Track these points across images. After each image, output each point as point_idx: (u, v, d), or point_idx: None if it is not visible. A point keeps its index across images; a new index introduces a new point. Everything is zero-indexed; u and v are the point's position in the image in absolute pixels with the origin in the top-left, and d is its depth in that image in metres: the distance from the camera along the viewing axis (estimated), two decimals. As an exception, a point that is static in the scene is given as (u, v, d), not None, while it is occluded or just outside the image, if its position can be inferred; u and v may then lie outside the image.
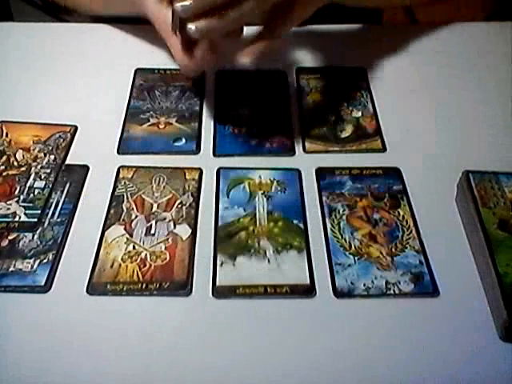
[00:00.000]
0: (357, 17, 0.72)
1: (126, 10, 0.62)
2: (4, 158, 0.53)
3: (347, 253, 0.46)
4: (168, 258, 0.46)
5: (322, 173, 0.53)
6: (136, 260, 0.46)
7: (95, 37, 0.68)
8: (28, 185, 0.51)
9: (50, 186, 0.51)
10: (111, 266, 0.45)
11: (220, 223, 0.49)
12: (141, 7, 0.53)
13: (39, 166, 0.53)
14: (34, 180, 0.51)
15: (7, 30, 0.69)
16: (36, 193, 0.50)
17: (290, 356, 0.41)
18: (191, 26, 0.45)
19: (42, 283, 0.44)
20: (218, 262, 0.46)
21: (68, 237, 0.47)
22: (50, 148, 0.54)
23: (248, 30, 0.51)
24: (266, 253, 0.46)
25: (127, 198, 0.50)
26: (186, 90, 0.62)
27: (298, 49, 0.68)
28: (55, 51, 0.66)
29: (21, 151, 0.54)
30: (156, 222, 0.48)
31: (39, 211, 0.49)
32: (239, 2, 0.45)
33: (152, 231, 0.48)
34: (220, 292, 0.44)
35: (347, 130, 0.58)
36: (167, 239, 0.47)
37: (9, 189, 0.50)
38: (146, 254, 0.46)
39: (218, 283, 0.44)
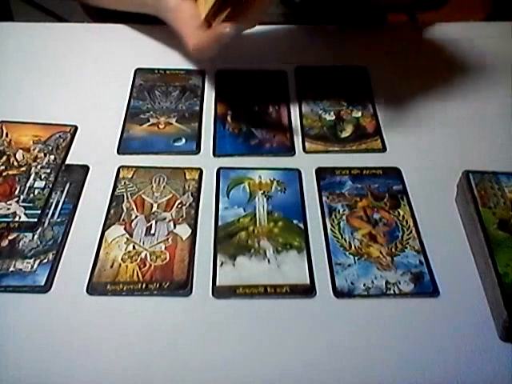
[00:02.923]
0: (361, 18, 0.72)
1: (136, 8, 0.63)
2: (4, 158, 0.53)
3: (347, 253, 0.46)
4: (168, 258, 0.46)
5: (322, 173, 0.53)
6: (136, 260, 0.46)
7: (95, 37, 0.69)
8: (28, 185, 0.51)
9: (50, 185, 0.51)
10: (111, 266, 0.45)
11: (220, 223, 0.49)
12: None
13: (39, 166, 0.52)
14: (34, 180, 0.51)
15: (7, 30, 0.69)
16: (36, 193, 0.50)
17: (290, 356, 0.41)
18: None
19: (42, 283, 0.44)
20: (218, 262, 0.46)
21: (68, 237, 0.47)
22: (50, 148, 0.54)
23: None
24: (265, 253, 0.46)
25: (127, 197, 0.50)
26: (186, 90, 0.62)
27: (298, 49, 0.68)
28: (55, 51, 0.66)
29: (21, 151, 0.54)
30: (156, 222, 0.48)
31: (39, 211, 0.49)
32: None
33: (152, 231, 0.48)
34: (220, 292, 0.44)
35: (347, 130, 0.58)
36: (167, 239, 0.47)
37: (9, 189, 0.50)
38: (146, 254, 0.46)
39: (218, 283, 0.44)
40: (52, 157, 0.54)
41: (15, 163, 0.53)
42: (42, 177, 0.52)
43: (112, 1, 0.66)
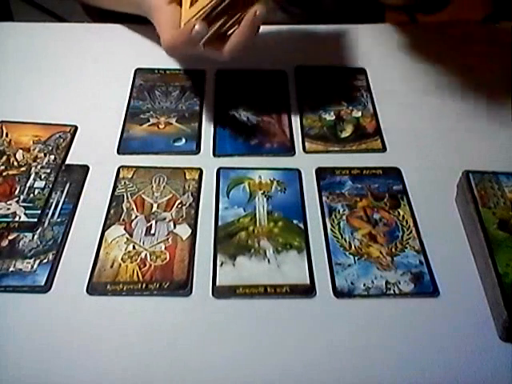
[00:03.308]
0: (359, 18, 0.72)
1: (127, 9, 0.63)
2: (4, 158, 0.53)
3: (347, 253, 0.46)
4: (168, 258, 0.46)
5: (322, 173, 0.53)
6: (136, 260, 0.46)
7: (95, 37, 0.69)
8: (28, 185, 0.51)
9: (50, 186, 0.51)
10: (111, 266, 0.45)
11: (220, 223, 0.49)
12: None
13: (39, 166, 0.52)
14: (34, 180, 0.51)
15: (7, 30, 0.69)
16: (36, 193, 0.50)
17: (290, 356, 0.41)
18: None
19: (42, 283, 0.44)
20: (218, 262, 0.46)
21: (68, 237, 0.47)
22: (50, 148, 0.54)
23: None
24: (266, 253, 0.46)
25: (127, 197, 0.50)
26: (186, 90, 0.62)
27: (298, 49, 0.68)
28: (55, 51, 0.66)
29: (21, 151, 0.54)
30: (156, 222, 0.48)
31: (39, 211, 0.49)
32: None
33: (152, 231, 0.48)
34: (220, 292, 0.44)
35: (347, 130, 0.58)
36: (167, 239, 0.47)
37: (9, 189, 0.50)
38: (146, 254, 0.46)
39: (218, 283, 0.44)
40: (52, 157, 0.54)
41: (15, 163, 0.53)
42: (42, 177, 0.52)
43: (105, 1, 0.67)
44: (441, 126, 0.59)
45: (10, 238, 0.47)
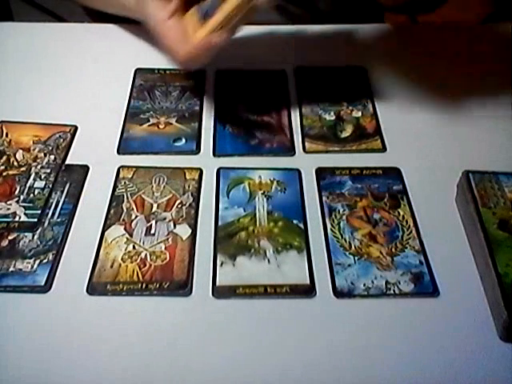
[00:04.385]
0: (358, 17, 0.72)
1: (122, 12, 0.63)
2: (4, 158, 0.53)
3: (347, 253, 0.46)
4: (168, 258, 0.46)
5: (322, 173, 0.53)
6: (136, 260, 0.46)
7: (95, 37, 0.69)
8: (28, 185, 0.51)
9: (50, 186, 0.51)
10: (111, 266, 0.45)
11: (220, 223, 0.49)
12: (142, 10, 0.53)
13: (39, 166, 0.53)
14: (34, 180, 0.51)
15: (7, 30, 0.69)
16: (36, 193, 0.50)
17: (290, 356, 0.41)
18: None
19: (42, 283, 0.44)
20: (218, 262, 0.46)
21: (68, 237, 0.47)
22: (50, 148, 0.54)
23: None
24: (266, 253, 0.46)
25: (127, 197, 0.50)
26: (186, 89, 0.62)
27: (298, 49, 0.68)
28: (55, 51, 0.66)
29: (21, 151, 0.54)
30: (156, 222, 0.48)
31: (39, 211, 0.49)
32: None
33: (152, 231, 0.48)
34: (220, 292, 0.44)
35: (347, 130, 0.58)
36: (167, 239, 0.47)
37: (9, 189, 0.50)
38: (146, 254, 0.46)
39: (218, 283, 0.44)
40: (52, 157, 0.54)
41: (15, 163, 0.53)
42: (42, 177, 0.52)
43: (101, 2, 0.66)
44: (441, 126, 0.59)
45: (10, 237, 0.47)
